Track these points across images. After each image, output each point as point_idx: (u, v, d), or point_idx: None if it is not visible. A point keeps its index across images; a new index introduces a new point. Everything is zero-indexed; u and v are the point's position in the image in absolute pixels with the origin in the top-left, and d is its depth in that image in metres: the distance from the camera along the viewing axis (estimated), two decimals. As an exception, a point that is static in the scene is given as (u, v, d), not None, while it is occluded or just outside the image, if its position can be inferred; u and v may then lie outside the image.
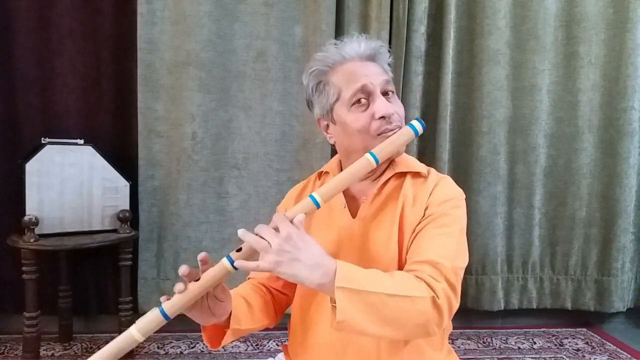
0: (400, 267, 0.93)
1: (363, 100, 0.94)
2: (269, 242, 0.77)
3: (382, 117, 0.93)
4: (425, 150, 2.41)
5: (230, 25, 2.26)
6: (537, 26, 2.39)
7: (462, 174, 2.42)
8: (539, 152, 2.45)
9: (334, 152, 2.24)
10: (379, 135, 0.94)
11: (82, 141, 2.08)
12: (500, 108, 2.40)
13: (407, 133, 0.90)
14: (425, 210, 0.94)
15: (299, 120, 2.34)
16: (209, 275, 0.80)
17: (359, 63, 0.97)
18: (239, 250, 0.81)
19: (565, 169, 2.48)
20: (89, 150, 2.07)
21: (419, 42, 2.33)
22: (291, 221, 0.80)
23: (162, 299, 0.81)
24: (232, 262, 0.80)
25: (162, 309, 0.79)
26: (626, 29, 2.38)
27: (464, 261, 0.93)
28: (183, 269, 0.80)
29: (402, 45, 2.29)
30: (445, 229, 0.92)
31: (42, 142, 2.01)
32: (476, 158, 2.42)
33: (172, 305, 0.80)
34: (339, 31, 2.30)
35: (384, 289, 0.79)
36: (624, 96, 2.40)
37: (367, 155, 0.88)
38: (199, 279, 0.80)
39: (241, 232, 0.80)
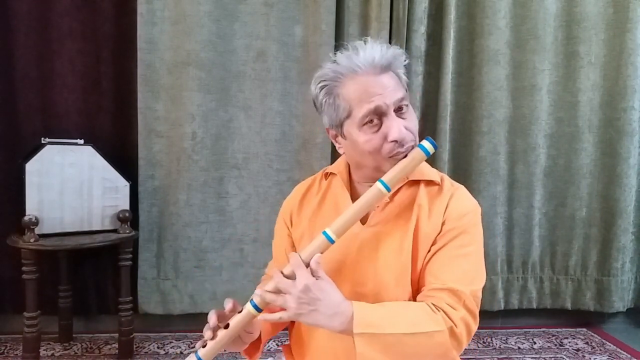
0: (413, 277, 0.92)
1: (375, 121, 0.89)
2: (288, 293, 0.82)
3: (395, 141, 0.89)
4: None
5: (230, 25, 2.26)
6: (537, 26, 2.38)
7: (462, 174, 2.42)
8: (539, 152, 2.45)
9: (334, 151, 2.26)
10: (390, 157, 0.91)
11: (82, 141, 2.08)
12: (500, 108, 2.40)
13: (418, 156, 0.88)
14: (442, 224, 0.93)
15: (299, 120, 2.34)
16: (235, 322, 0.88)
17: (373, 77, 0.89)
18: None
19: (565, 169, 2.48)
20: (89, 150, 2.07)
21: (419, 42, 2.33)
22: (307, 264, 0.84)
23: (198, 345, 0.89)
24: (255, 307, 0.86)
25: (199, 355, 0.88)
26: (626, 29, 2.38)
27: (482, 280, 0.92)
28: (213, 320, 0.88)
29: (402, 45, 2.28)
30: (464, 249, 0.91)
31: (42, 142, 2.01)
32: (476, 158, 2.42)
33: (207, 352, 0.88)
34: (339, 31, 2.30)
35: (401, 329, 0.81)
36: (624, 96, 2.40)
37: (378, 184, 0.87)
38: (227, 325, 0.88)
39: (258, 294, 0.86)
